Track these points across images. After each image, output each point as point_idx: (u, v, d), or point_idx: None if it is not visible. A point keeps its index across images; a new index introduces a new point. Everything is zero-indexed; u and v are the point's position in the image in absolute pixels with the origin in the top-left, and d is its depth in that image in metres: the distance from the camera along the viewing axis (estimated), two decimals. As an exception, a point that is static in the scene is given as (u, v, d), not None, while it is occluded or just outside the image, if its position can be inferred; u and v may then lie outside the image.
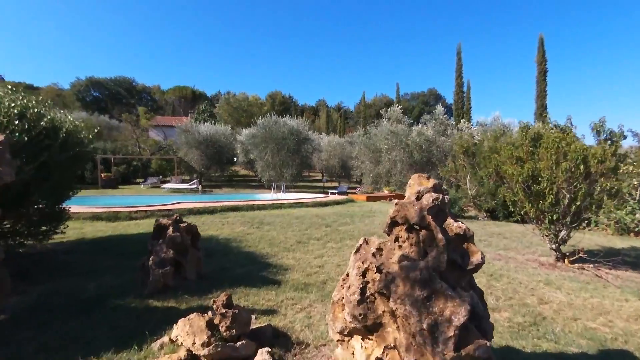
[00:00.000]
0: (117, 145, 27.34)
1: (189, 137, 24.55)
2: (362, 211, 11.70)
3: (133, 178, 28.08)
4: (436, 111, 17.29)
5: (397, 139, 17.32)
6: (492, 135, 12.18)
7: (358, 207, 13.01)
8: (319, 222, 8.75)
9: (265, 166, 22.57)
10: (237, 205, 11.30)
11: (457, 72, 27.61)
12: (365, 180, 20.65)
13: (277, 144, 21.98)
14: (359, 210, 12.10)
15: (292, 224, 8.49)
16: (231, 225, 8.21)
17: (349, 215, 10.33)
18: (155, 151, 28.62)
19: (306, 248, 6.05)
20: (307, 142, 23.13)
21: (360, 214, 10.88)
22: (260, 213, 10.57)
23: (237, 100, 44.54)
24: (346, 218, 9.72)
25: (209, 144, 25.01)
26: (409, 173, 17.52)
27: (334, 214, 10.70)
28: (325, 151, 28.26)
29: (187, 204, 11.27)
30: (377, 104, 69.57)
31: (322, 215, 10.15)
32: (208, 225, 8.05)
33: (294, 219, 9.35)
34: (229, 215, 10.03)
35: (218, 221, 8.72)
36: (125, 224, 8.22)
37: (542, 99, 27.72)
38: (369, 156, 20.19)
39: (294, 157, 22.17)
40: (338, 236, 7.02)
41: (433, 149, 16.76)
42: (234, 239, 6.63)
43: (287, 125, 22.37)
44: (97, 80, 76.45)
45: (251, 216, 9.78)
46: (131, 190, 21.05)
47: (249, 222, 8.68)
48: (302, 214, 10.26)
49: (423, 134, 16.62)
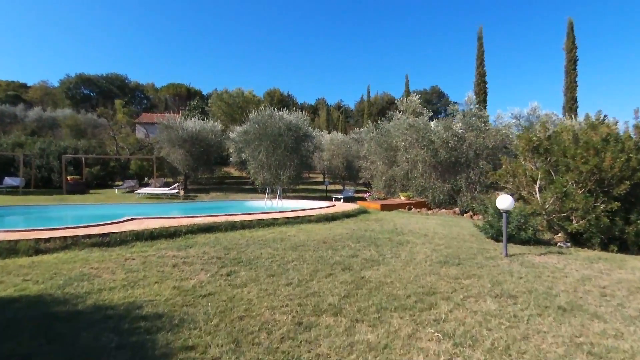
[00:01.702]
0: (92, 144, 24.07)
1: (172, 134, 21.33)
2: (384, 229, 8.51)
3: (111, 181, 24.87)
4: (466, 100, 14.15)
5: (418, 135, 14.14)
6: (586, 124, 9.04)
7: (376, 222, 9.83)
8: (329, 259, 5.57)
9: (258, 167, 19.38)
10: (213, 223, 8.10)
11: (478, 60, 24.43)
12: (376, 184, 17.48)
13: (272, 141, 18.78)
14: (379, 227, 8.91)
15: (286, 263, 5.30)
16: (186, 267, 5.02)
17: (370, 240, 7.15)
18: (135, 150, 25.38)
19: (315, 344, 2.87)
20: (308, 139, 19.95)
21: (386, 236, 7.68)
22: (243, 237, 7.38)
23: (231, 96, 41.25)
24: (369, 247, 6.53)
25: (195, 142, 21.79)
26: (432, 176, 14.36)
27: (348, 237, 7.51)
28: (328, 150, 25.09)
29: (142, 221, 8.06)
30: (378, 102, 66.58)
31: (332, 241, 6.96)
32: (146, 270, 4.85)
33: (291, 249, 6.15)
34: (195, 241, 6.83)
35: (170, 257, 5.53)
36: (20, 266, 5.01)
37: (572, 91, 24.59)
38: (381, 155, 17.01)
39: (292, 157, 18.98)
40: (370, 300, 3.79)
41: (464, 146, 13.58)
42: (169, 313, 3.42)
43: (284, 120, 19.20)
44: (88, 77, 73.24)
45: (227, 244, 6.59)
46: (100, 197, 17.83)
47: (219, 258, 5.49)
48: (303, 240, 7.06)
49: (451, 128, 13.44)
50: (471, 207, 13.40)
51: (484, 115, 13.82)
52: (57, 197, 17.01)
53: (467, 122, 13.74)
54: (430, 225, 9.61)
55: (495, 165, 13.64)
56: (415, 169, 14.69)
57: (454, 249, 6.37)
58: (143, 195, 18.00)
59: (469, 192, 13.59)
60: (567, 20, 25.27)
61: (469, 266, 5.26)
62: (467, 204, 13.48)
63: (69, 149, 22.46)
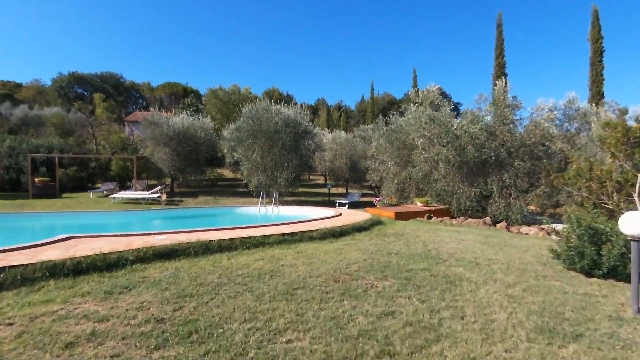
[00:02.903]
0: (69, 142, 21.76)
1: (157, 131, 19.04)
2: (414, 252, 6.23)
3: (91, 183, 22.55)
4: (495, 88, 11.84)
5: (440, 130, 11.86)
6: None
7: (398, 239, 7.53)
8: (348, 325, 3.30)
9: (252, 168, 17.07)
10: (177, 245, 5.82)
11: (497, 50, 22.16)
12: (387, 188, 15.20)
13: (268, 138, 16.49)
14: (405, 248, 6.62)
15: (274, 337, 3.02)
16: (88, 350, 2.73)
17: (403, 276, 4.88)
18: (118, 150, 23.07)
19: None
20: (308, 137, 17.65)
21: (421, 265, 5.39)
22: (216, 267, 5.09)
23: (227, 93, 39.01)
24: (405, 290, 4.26)
25: (182, 140, 19.50)
26: (457, 177, 12.09)
27: (368, 267, 5.23)
28: (330, 150, 22.78)
29: (77, 242, 5.78)
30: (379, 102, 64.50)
31: (346, 277, 4.69)
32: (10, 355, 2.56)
33: (283, 298, 3.87)
34: (142, 277, 4.53)
35: (77, 319, 3.24)
36: None
37: (598, 85, 22.39)
38: (392, 154, 14.74)
39: (290, 156, 16.68)
40: None
41: (496, 143, 11.32)
42: None
43: (282, 115, 16.92)
44: (81, 76, 70.95)
45: (187, 284, 4.30)
46: (69, 202, 15.53)
47: (158, 322, 3.21)
48: (303, 274, 4.78)
49: (481, 121, 11.16)
50: (505, 216, 11.13)
51: (519, 105, 11.54)
52: (18, 202, 14.71)
53: (499, 114, 11.47)
54: (469, 243, 7.34)
55: (533, 166, 11.39)
56: (435, 170, 12.41)
57: (542, 297, 4.08)
58: (119, 200, 15.69)
59: (502, 198, 11.32)
60: (592, 8, 23.11)
61: (594, 340, 3.00)
62: (500, 212, 11.21)
63: (42, 147, 20.15)
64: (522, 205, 10.85)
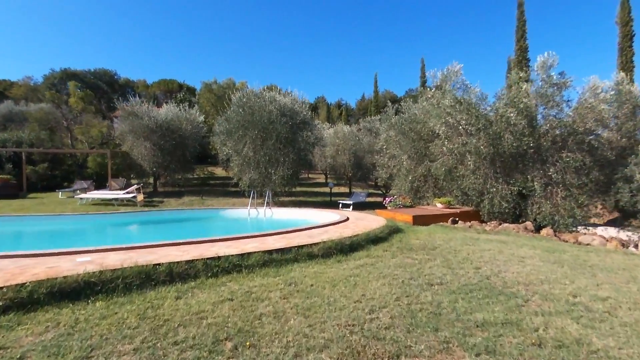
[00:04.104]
0: (41, 136, 19.56)
1: (136, 123, 16.89)
2: (464, 281, 4.07)
3: (67, 182, 20.33)
4: (538, 64, 9.63)
5: (469, 115, 9.69)
6: None
7: (433, 257, 5.36)
8: None
9: (244, 164, 14.93)
10: (103, 273, 3.65)
11: (518, 32, 19.93)
12: (400, 186, 13.02)
13: (261, 130, 14.35)
14: (450, 274, 4.45)
15: None
16: None
17: (464, 329, 2.77)
18: (96, 145, 20.87)
19: None
20: (307, 128, 15.50)
21: (496, 314, 3.23)
22: (148, 317, 2.91)
23: (221, 87, 36.81)
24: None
25: (166, 133, 17.34)
26: (490, 173, 9.91)
27: (402, 316, 3.08)
28: (332, 145, 20.64)
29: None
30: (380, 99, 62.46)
31: (374, 344, 2.51)
32: None
33: None
34: (10, 339, 2.36)
35: None
36: None
37: (628, 72, 20.19)
38: (406, 147, 12.57)
39: (287, 151, 14.53)
40: None
41: (540, 130, 9.16)
42: None
43: (277, 103, 14.79)
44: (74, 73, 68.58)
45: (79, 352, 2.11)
46: (28, 204, 13.34)
47: None
48: (294, 348, 2.59)
49: (522, 102, 8.97)
50: (550, 221, 8.97)
51: (567, 83, 9.31)
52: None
53: (543, 95, 9.29)
54: (536, 263, 5.17)
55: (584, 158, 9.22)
56: (461, 164, 10.25)
57: None
58: (87, 201, 13.52)
59: (547, 198, 9.15)
60: (620, -12, 20.90)
61: None
62: (544, 216, 9.05)
63: (9, 142, 17.96)
64: (573, 207, 8.69)
